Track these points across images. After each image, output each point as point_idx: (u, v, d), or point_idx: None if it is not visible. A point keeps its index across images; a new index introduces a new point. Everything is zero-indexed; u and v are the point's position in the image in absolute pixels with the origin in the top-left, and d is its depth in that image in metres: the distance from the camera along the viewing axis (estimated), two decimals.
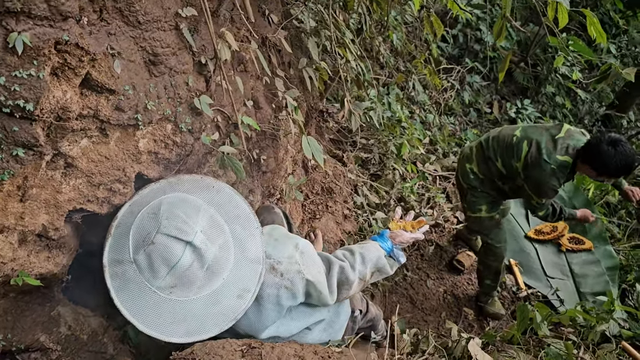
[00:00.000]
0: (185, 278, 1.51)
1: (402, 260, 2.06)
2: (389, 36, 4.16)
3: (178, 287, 1.51)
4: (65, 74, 1.25)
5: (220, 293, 1.60)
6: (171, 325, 1.54)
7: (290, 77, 2.50)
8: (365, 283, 1.96)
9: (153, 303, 1.53)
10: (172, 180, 1.69)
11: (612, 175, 2.49)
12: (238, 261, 1.65)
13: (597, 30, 1.76)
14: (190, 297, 1.56)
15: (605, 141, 2.37)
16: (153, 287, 1.51)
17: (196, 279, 1.53)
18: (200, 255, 1.51)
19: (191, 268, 1.51)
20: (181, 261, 1.48)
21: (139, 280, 1.50)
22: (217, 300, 1.59)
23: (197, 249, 1.50)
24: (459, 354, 2.19)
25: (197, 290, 1.56)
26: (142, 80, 1.49)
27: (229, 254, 1.63)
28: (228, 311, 1.60)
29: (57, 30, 1.17)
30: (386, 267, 2.00)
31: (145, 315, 1.52)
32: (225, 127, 1.95)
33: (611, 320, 2.65)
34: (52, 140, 1.31)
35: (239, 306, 1.61)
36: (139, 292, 1.51)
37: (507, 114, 5.95)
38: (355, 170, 3.85)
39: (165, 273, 1.49)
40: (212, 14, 1.78)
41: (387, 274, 2.03)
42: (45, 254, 1.46)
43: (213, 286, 1.58)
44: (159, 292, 1.51)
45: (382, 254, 1.99)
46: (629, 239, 4.70)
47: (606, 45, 5.89)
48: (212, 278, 1.58)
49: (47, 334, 1.59)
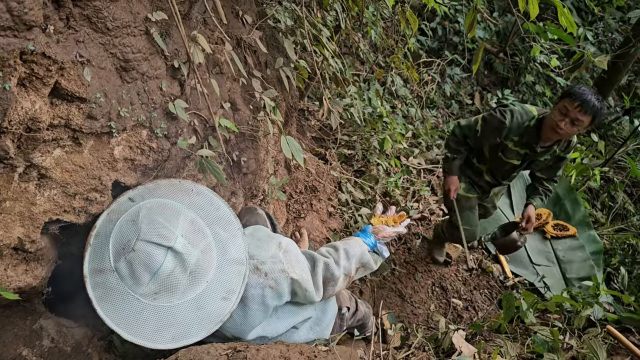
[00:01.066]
0: (168, 283, 1.50)
1: (385, 254, 2.07)
2: (367, 32, 4.17)
3: (162, 293, 1.50)
4: (33, 84, 1.23)
5: (205, 296, 1.59)
6: (157, 332, 1.53)
7: (267, 77, 2.49)
8: (351, 279, 1.97)
9: (137, 310, 1.51)
10: (149, 186, 1.67)
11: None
12: (221, 263, 1.64)
13: (567, 20, 1.78)
14: (174, 302, 1.54)
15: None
16: (136, 294, 1.50)
17: (179, 283, 1.52)
18: (182, 260, 1.50)
19: (174, 273, 1.49)
20: (163, 267, 1.47)
21: (121, 288, 1.49)
22: (201, 304, 1.58)
23: (179, 253, 1.48)
24: (447, 345, 2.20)
25: (181, 295, 1.55)
26: (113, 87, 1.48)
27: (212, 256, 1.62)
28: (213, 314, 1.59)
29: (21, 40, 1.15)
30: (370, 263, 2.01)
31: (130, 324, 1.51)
32: (203, 131, 1.94)
33: (595, 304, 2.69)
34: (23, 152, 1.29)
35: (225, 308, 1.60)
36: (121, 301, 1.49)
37: (488, 104, 6.00)
38: (339, 167, 3.85)
39: (148, 280, 1.47)
40: (184, 17, 1.76)
41: (372, 270, 2.04)
42: (22, 267, 1.44)
43: (197, 290, 1.57)
44: (143, 299, 1.49)
45: (365, 249, 2.00)
46: (612, 223, 4.78)
47: (576, 33, 5.96)
48: (196, 282, 1.57)
49: (30, 347, 1.57)
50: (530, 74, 6.27)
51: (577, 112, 2.40)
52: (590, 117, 2.41)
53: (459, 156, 3.03)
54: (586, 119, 2.41)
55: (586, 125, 2.46)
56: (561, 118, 2.47)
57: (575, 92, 2.41)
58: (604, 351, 2.12)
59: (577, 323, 2.58)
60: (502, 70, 6.40)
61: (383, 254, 2.06)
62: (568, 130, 2.47)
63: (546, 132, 2.60)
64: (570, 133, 2.50)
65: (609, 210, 4.96)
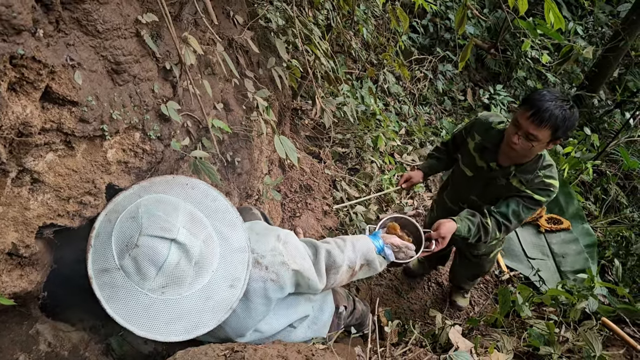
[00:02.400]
0: (175, 276, 1.50)
1: (391, 258, 2.08)
2: (359, 30, 4.17)
3: (169, 286, 1.50)
4: (23, 88, 1.23)
5: (212, 286, 1.59)
6: (168, 325, 1.53)
7: (260, 77, 2.49)
8: (354, 274, 1.96)
9: (146, 306, 1.50)
10: (144, 184, 1.67)
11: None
12: (224, 252, 1.64)
13: (555, 16, 1.79)
14: (183, 294, 1.54)
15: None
16: (144, 290, 1.49)
17: (186, 275, 1.52)
18: (186, 251, 1.50)
19: (179, 265, 1.49)
20: (168, 259, 1.47)
21: (128, 285, 1.48)
22: (210, 294, 1.58)
23: (182, 245, 1.49)
24: (444, 341, 2.22)
25: (189, 286, 1.55)
26: (105, 89, 1.47)
27: (214, 246, 1.63)
28: (223, 302, 1.59)
29: (11, 45, 1.14)
30: (375, 262, 2.01)
31: (141, 320, 1.50)
32: (196, 132, 1.94)
33: (590, 297, 2.71)
34: (15, 157, 1.29)
35: (233, 295, 1.60)
36: (130, 298, 1.49)
37: (480, 100, 6.02)
38: (333, 165, 3.86)
39: (155, 274, 1.47)
40: (174, 19, 1.76)
41: (376, 271, 2.04)
42: (17, 272, 1.44)
43: (203, 280, 1.58)
44: (151, 294, 1.49)
45: (372, 248, 2.01)
46: (605, 216, 4.81)
47: (565, 28, 6.00)
48: (202, 272, 1.57)
49: (26, 352, 1.57)
50: (522, 69, 6.30)
51: (530, 123, 1.94)
52: (549, 130, 1.94)
53: (436, 157, 2.76)
54: (542, 133, 1.94)
55: (545, 140, 1.99)
56: (514, 131, 2.03)
57: (531, 99, 1.96)
58: (599, 343, 2.13)
59: (572, 316, 2.60)
60: (493, 65, 6.43)
61: (389, 257, 2.07)
62: (523, 146, 2.01)
63: (503, 145, 2.16)
64: (527, 149, 2.03)
65: (602, 203, 4.99)
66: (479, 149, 2.33)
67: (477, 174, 2.39)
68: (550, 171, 2.18)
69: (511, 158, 2.18)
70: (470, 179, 2.44)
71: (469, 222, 2.28)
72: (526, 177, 2.19)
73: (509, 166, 2.22)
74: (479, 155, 2.35)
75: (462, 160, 2.48)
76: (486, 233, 2.29)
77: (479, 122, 2.35)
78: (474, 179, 2.42)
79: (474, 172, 2.41)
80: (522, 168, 2.19)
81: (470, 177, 2.44)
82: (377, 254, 2.02)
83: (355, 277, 2.00)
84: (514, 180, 2.22)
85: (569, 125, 1.94)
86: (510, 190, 2.25)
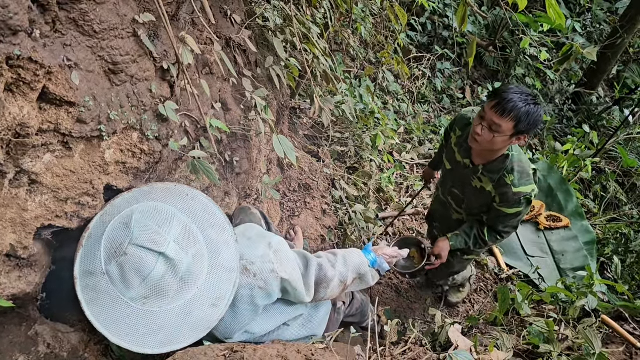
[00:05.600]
0: (158, 288, 1.50)
1: (385, 267, 2.08)
2: (357, 29, 4.16)
3: (151, 298, 1.50)
4: (20, 89, 1.22)
5: (194, 302, 1.58)
6: (145, 337, 1.53)
7: (258, 76, 2.48)
8: (346, 288, 1.98)
9: (126, 314, 1.51)
10: (144, 189, 1.66)
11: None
12: (212, 269, 1.63)
13: (556, 12, 1.78)
14: (163, 308, 1.54)
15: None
16: (126, 298, 1.49)
17: (170, 289, 1.52)
18: (173, 266, 1.50)
19: (164, 278, 1.49)
20: (154, 272, 1.46)
21: (111, 292, 1.48)
22: (190, 310, 1.57)
23: (170, 259, 1.48)
24: (444, 339, 2.21)
25: (171, 300, 1.54)
26: (102, 90, 1.47)
27: (203, 263, 1.62)
28: (202, 321, 1.58)
29: (7, 46, 1.14)
30: (367, 276, 2.02)
31: (119, 327, 1.50)
32: (195, 132, 1.93)
33: (589, 294, 2.71)
34: (12, 158, 1.28)
35: (213, 315, 1.60)
36: (111, 304, 1.49)
37: (479, 98, 6.01)
38: (332, 164, 3.85)
39: (138, 284, 1.47)
40: (172, 19, 1.75)
41: (368, 285, 2.06)
42: (16, 273, 1.43)
43: (187, 296, 1.57)
44: (132, 303, 1.49)
45: (365, 262, 2.01)
46: (604, 213, 4.81)
47: (565, 25, 6.00)
48: (186, 288, 1.56)
49: (26, 354, 1.56)
50: (520, 66, 6.30)
51: (493, 113, 1.96)
52: (512, 121, 1.95)
53: (438, 152, 2.89)
54: (505, 123, 1.95)
55: (508, 133, 1.99)
56: (479, 122, 2.06)
57: (497, 90, 2.00)
58: (599, 340, 2.13)
59: (572, 313, 2.60)
60: (492, 63, 6.42)
61: (383, 266, 2.07)
62: (486, 137, 2.02)
63: (470, 139, 2.16)
64: (489, 140, 2.04)
65: (601, 200, 4.99)
66: (459, 143, 2.40)
67: (455, 168, 2.47)
68: (521, 178, 2.19)
69: (477, 154, 2.25)
70: (449, 172, 2.55)
71: (465, 238, 2.48)
72: (492, 177, 2.23)
73: (479, 165, 2.29)
74: (458, 150, 2.41)
75: (446, 153, 2.55)
76: (484, 242, 2.45)
77: (460, 117, 2.43)
78: (453, 172, 2.51)
79: (452, 165, 2.49)
80: (489, 167, 2.24)
81: (449, 170, 2.53)
82: (370, 267, 2.03)
83: (347, 290, 2.01)
84: (483, 179, 2.28)
85: (532, 120, 1.96)
86: (486, 198, 2.31)
